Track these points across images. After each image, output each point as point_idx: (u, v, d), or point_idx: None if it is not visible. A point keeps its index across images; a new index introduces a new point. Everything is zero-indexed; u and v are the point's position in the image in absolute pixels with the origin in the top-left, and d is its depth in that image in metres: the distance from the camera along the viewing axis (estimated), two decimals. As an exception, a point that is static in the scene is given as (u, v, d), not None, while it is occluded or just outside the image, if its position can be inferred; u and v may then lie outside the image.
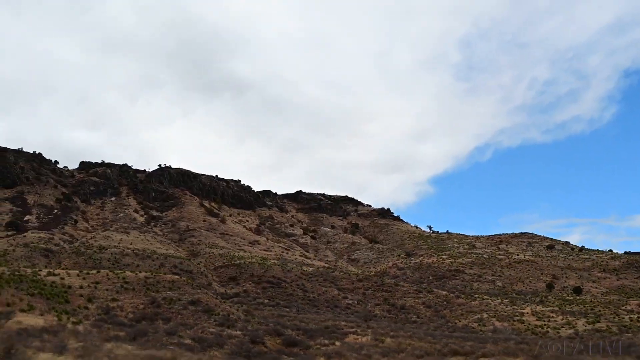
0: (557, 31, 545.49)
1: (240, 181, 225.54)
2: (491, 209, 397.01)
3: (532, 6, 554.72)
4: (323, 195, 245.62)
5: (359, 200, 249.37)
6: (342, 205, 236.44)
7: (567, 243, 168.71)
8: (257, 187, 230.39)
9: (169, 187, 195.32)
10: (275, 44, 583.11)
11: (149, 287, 48.57)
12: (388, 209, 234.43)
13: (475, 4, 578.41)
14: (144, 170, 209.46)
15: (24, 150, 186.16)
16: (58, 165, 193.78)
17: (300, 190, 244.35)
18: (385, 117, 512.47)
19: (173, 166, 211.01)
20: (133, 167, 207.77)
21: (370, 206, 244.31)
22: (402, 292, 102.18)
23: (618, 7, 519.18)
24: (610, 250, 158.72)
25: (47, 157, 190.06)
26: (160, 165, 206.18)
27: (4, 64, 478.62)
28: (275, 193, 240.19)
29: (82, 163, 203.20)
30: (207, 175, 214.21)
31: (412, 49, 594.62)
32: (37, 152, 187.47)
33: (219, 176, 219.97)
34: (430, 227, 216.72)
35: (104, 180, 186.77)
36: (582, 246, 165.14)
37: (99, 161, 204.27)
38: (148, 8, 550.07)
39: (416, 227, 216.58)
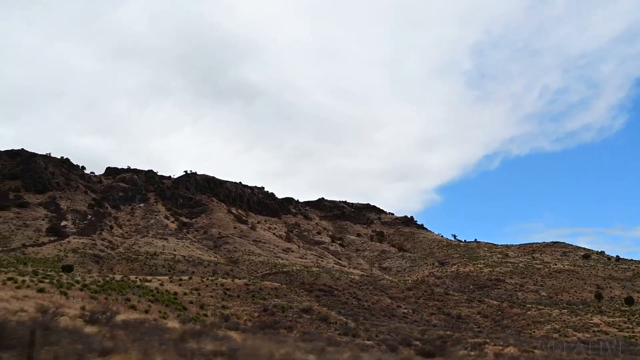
0: (569, 39, 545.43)
1: (263, 188, 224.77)
2: (497, 218, 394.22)
3: (544, 14, 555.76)
4: (345, 203, 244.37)
5: (381, 208, 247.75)
6: (365, 213, 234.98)
7: (602, 253, 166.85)
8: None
9: (195, 193, 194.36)
10: (286, 52, 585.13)
11: (254, 294, 47.34)
12: (412, 217, 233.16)
13: (487, 12, 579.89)
14: (169, 176, 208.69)
15: (52, 155, 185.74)
16: (85, 171, 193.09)
17: (323, 198, 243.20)
18: (394, 125, 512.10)
19: (183, 172, 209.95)
20: (158, 173, 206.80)
21: (392, 214, 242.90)
22: (454, 302, 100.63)
23: (631, 16, 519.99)
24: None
25: (75, 163, 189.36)
26: (186, 171, 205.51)
27: (15, 70, 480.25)
28: (297, 200, 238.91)
29: (108, 169, 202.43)
30: (232, 182, 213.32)
31: (423, 56, 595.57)
32: (65, 158, 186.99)
33: (242, 183, 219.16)
34: (454, 236, 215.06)
35: (132, 186, 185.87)
36: (617, 256, 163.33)
37: (125, 167, 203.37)
38: (161, 14, 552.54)
39: (442, 236, 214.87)
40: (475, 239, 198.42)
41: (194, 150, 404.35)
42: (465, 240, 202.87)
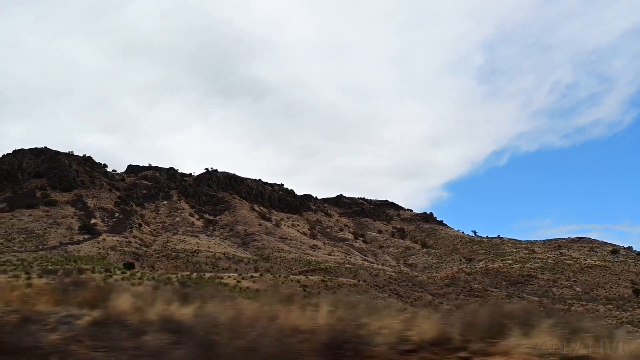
0: (581, 34, 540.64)
1: (283, 185, 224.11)
2: (505, 214, 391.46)
3: (556, 8, 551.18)
4: (364, 199, 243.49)
5: (399, 204, 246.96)
6: (384, 210, 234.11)
7: (629, 248, 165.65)
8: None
9: (217, 190, 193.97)
10: (295, 49, 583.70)
11: (334, 291, 46.67)
12: (431, 213, 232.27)
13: (498, 7, 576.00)
14: (190, 174, 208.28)
15: (74, 153, 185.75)
16: (107, 169, 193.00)
17: (341, 195, 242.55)
18: (403, 123, 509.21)
19: (204, 170, 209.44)
20: (179, 171, 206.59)
21: (411, 211, 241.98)
22: (495, 298, 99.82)
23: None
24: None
25: (97, 161, 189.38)
26: (207, 168, 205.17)
27: (24, 68, 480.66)
28: (316, 197, 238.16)
29: (129, 167, 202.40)
30: (252, 179, 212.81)
31: (433, 52, 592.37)
32: (87, 156, 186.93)
33: (262, 180, 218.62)
34: (474, 232, 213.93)
35: (154, 184, 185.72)
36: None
37: (146, 164, 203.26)
38: (171, 11, 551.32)
39: (462, 232, 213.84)
40: (499, 235, 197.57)
41: (203, 148, 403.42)
42: (487, 237, 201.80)
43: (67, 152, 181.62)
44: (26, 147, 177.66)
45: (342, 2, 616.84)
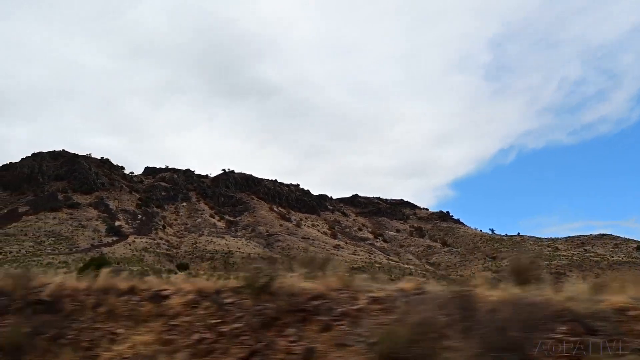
0: (589, 30, 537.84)
1: (299, 185, 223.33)
2: (512, 212, 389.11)
3: (564, 5, 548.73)
4: (379, 199, 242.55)
5: (415, 203, 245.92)
6: (400, 209, 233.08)
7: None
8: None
9: (235, 191, 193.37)
10: (302, 48, 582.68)
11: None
12: (447, 212, 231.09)
13: (505, 3, 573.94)
14: (207, 175, 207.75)
15: (92, 156, 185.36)
16: (124, 171, 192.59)
17: (357, 194, 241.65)
18: (410, 121, 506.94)
19: (221, 171, 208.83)
20: (195, 172, 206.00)
21: (427, 209, 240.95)
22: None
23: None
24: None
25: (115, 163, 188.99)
26: (224, 169, 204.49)
27: (31, 70, 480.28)
28: (331, 197, 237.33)
29: (146, 168, 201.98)
30: (269, 179, 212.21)
31: (440, 50, 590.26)
32: (105, 158, 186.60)
33: (278, 180, 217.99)
34: (492, 230, 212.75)
35: (173, 186, 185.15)
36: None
37: (163, 166, 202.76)
38: (179, 12, 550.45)
39: (480, 230, 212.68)
40: (518, 233, 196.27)
41: (209, 148, 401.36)
42: (506, 234, 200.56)
43: (85, 154, 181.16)
44: (39, 150, 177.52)
45: (348, 1, 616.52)
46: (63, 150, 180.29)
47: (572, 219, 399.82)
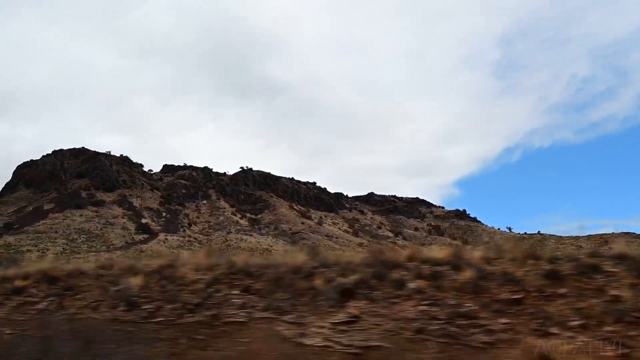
0: (599, 26, 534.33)
1: (315, 183, 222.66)
2: (516, 211, 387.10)
3: (575, 1, 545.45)
4: (395, 197, 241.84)
5: (430, 202, 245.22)
6: (416, 207, 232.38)
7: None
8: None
9: (254, 189, 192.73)
10: (310, 46, 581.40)
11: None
12: (464, 210, 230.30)
13: (516, 0, 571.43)
14: (225, 173, 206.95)
15: (112, 153, 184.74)
16: (143, 168, 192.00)
17: (372, 192, 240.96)
18: (417, 120, 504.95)
19: (239, 168, 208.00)
20: (214, 170, 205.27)
21: (443, 208, 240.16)
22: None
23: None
24: None
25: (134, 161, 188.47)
26: (242, 167, 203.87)
27: (37, 70, 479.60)
28: (346, 195, 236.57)
29: (165, 166, 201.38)
30: (286, 177, 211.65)
31: (448, 48, 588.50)
32: (124, 156, 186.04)
33: (295, 178, 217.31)
34: (509, 228, 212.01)
35: (192, 183, 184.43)
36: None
37: (181, 164, 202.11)
38: (188, 10, 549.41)
39: (498, 229, 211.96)
40: (539, 231, 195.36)
41: (216, 147, 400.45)
42: (526, 232, 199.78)
43: (105, 152, 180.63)
44: (66, 148, 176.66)
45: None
46: (83, 147, 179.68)
47: (576, 217, 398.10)
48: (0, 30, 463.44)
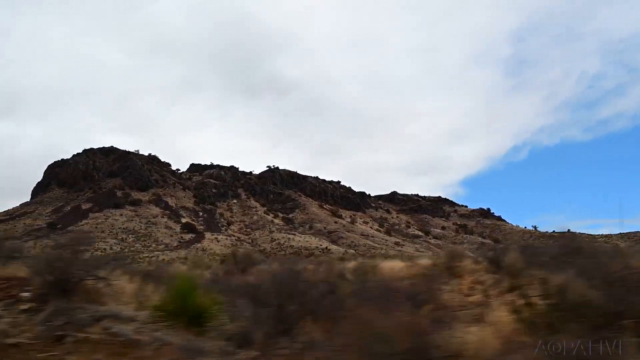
0: (612, 22, 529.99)
1: (340, 182, 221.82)
2: (520, 209, 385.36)
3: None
4: (418, 196, 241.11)
5: (453, 201, 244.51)
6: (441, 206, 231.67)
7: None
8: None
9: (282, 188, 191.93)
10: (320, 43, 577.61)
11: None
12: (488, 209, 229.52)
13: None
14: (250, 172, 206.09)
15: (140, 152, 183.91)
16: (171, 167, 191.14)
17: (395, 191, 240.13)
18: (426, 118, 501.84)
19: (266, 167, 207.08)
20: (240, 169, 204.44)
21: (466, 206, 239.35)
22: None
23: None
24: None
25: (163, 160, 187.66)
26: (269, 166, 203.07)
27: (45, 67, 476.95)
28: (369, 194, 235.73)
29: (192, 165, 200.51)
30: (312, 176, 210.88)
31: (460, 44, 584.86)
32: (153, 155, 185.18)
33: (319, 177, 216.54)
34: (535, 227, 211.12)
35: (221, 183, 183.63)
36: None
37: (208, 163, 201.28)
38: (199, 7, 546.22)
39: (525, 228, 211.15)
40: (569, 229, 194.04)
41: (225, 146, 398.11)
42: (554, 231, 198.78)
43: (134, 151, 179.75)
44: (96, 147, 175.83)
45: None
46: (112, 146, 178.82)
47: (580, 216, 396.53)
48: (9, 28, 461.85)
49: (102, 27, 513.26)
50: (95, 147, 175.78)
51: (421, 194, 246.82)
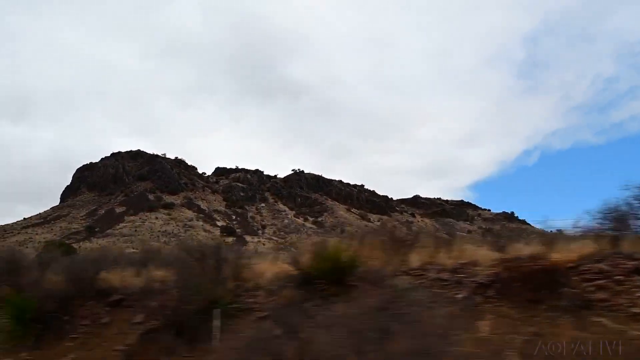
0: (628, 23, 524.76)
1: (363, 186, 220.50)
2: (528, 214, 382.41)
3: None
4: (441, 199, 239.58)
5: (476, 205, 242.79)
6: (464, 210, 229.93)
7: None
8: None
9: (309, 192, 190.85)
10: (334, 44, 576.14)
11: None
12: (512, 212, 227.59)
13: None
14: (275, 175, 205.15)
15: (167, 156, 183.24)
16: (197, 171, 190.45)
17: (418, 195, 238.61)
18: (438, 120, 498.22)
19: (291, 171, 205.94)
20: (264, 173, 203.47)
21: (489, 210, 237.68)
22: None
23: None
24: None
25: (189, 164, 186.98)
26: (294, 170, 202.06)
27: (60, 71, 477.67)
28: (391, 198, 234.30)
29: (217, 169, 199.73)
30: (337, 180, 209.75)
31: (474, 46, 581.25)
32: (179, 158, 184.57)
33: (342, 181, 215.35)
34: (560, 230, 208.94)
35: (248, 186, 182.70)
36: None
37: (234, 166, 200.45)
38: (216, 9, 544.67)
39: (551, 231, 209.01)
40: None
41: (237, 149, 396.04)
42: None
43: (161, 154, 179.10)
44: (123, 151, 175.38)
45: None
46: (139, 150, 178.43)
47: (585, 219, 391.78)
48: (24, 30, 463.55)
49: (118, 29, 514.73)
50: (122, 150, 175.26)
51: (431, 197, 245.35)
